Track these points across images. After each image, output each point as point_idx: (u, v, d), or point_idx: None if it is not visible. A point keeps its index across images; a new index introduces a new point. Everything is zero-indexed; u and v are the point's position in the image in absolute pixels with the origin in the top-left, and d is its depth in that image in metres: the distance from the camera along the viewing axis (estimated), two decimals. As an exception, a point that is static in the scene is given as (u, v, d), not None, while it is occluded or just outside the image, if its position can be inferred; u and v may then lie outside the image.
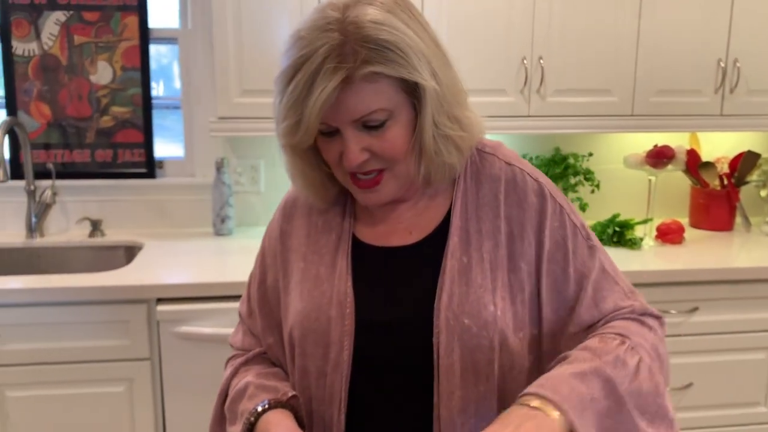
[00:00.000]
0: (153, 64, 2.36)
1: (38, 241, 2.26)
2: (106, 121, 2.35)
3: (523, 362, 0.97)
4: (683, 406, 2.08)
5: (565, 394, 0.81)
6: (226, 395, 1.06)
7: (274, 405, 0.97)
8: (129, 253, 2.25)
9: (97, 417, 1.85)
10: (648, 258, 2.14)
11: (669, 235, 2.29)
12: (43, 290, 1.78)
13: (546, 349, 0.98)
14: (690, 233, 2.41)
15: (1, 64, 2.28)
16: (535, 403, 0.81)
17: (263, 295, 1.08)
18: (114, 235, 2.33)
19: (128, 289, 1.80)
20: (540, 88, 2.15)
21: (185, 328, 1.82)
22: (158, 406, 1.89)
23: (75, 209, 2.34)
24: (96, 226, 2.31)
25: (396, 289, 0.99)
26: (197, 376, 1.84)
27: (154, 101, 2.37)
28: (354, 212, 1.05)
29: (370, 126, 0.90)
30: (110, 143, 2.36)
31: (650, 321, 0.97)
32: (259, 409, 0.97)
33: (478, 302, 0.94)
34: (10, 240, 2.25)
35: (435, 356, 0.94)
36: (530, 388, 0.84)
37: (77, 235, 2.32)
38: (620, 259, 2.08)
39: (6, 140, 2.26)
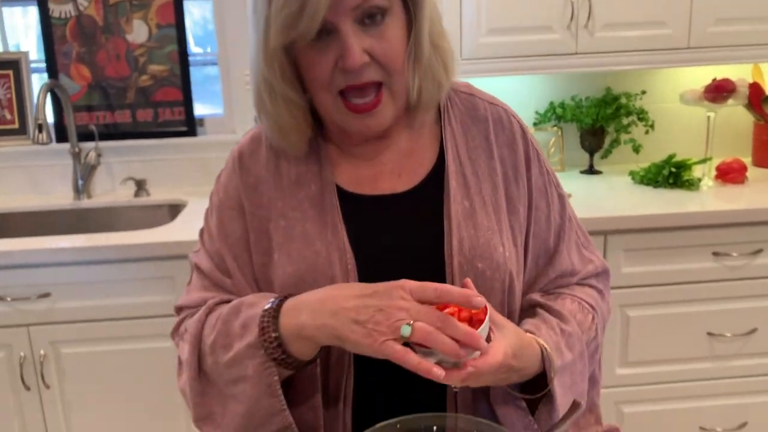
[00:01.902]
0: (188, 21, 2.33)
1: (85, 203, 2.29)
2: (144, 81, 2.34)
3: (518, 306, 0.97)
4: (746, 353, 1.99)
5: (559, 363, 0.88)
6: (201, 338, 0.91)
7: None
8: (173, 211, 2.26)
9: (148, 371, 1.88)
10: (707, 199, 2.02)
11: (730, 174, 2.16)
12: (90, 249, 1.80)
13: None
14: (752, 172, 2.27)
15: (39, 28, 2.28)
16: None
17: (233, 249, 0.96)
18: (158, 194, 2.34)
19: (172, 245, 1.81)
20: (588, 22, 2.03)
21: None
22: (207, 360, 1.90)
23: (119, 170, 2.36)
24: (141, 186, 2.33)
25: (399, 240, 0.93)
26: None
27: (190, 59, 2.35)
28: (330, 156, 0.97)
29: (368, 22, 0.84)
30: (150, 102, 2.35)
31: (606, 289, 1.04)
32: (271, 302, 0.85)
33: (488, 245, 0.91)
34: (58, 202, 2.28)
35: None
36: (539, 338, 0.88)
37: (123, 195, 2.34)
38: (677, 201, 1.98)
39: (49, 104, 2.28)
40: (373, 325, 0.76)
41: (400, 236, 0.93)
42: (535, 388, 0.88)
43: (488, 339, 0.78)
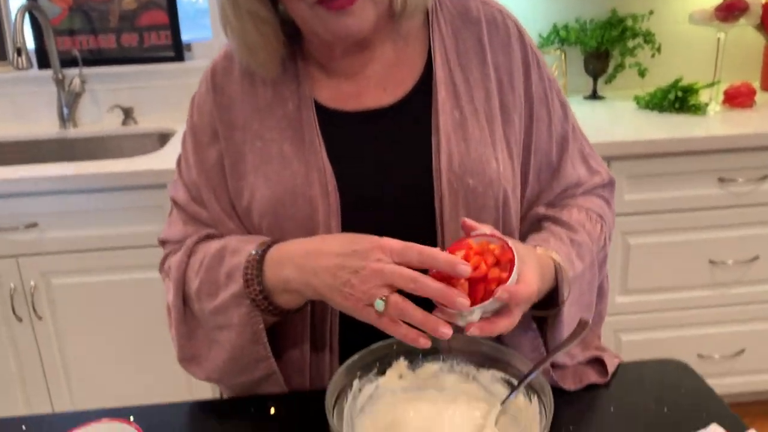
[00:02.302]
0: (171, -63, 2.20)
1: (72, 132, 2.21)
2: (128, 3, 2.23)
3: (516, 225, 0.91)
4: (747, 280, 1.97)
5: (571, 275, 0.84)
6: (185, 282, 0.89)
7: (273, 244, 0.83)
8: (162, 139, 2.19)
9: (141, 302, 1.85)
10: (713, 124, 1.96)
11: (738, 98, 2.09)
12: (78, 177, 1.74)
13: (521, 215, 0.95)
14: (761, 96, 2.21)
15: (14, -55, 2.16)
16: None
17: (209, 177, 0.91)
18: (146, 122, 2.27)
19: (162, 173, 1.75)
20: (595, -64, 1.92)
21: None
22: (201, 290, 1.87)
23: (105, 97, 2.27)
24: (128, 114, 2.25)
25: (384, 158, 0.87)
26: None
27: (176, -22, 2.23)
28: (309, 75, 0.90)
29: None
30: (135, 26, 2.25)
31: (612, 199, 1.00)
32: (254, 252, 0.81)
33: (480, 159, 0.85)
34: (44, 131, 2.21)
35: (438, 225, 0.85)
36: (551, 251, 0.83)
37: (110, 123, 2.26)
38: (683, 125, 1.92)
39: (28, 28, 2.18)
40: (350, 289, 0.72)
41: (385, 154, 0.87)
42: (543, 305, 0.84)
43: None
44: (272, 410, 0.88)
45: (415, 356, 0.84)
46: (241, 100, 0.89)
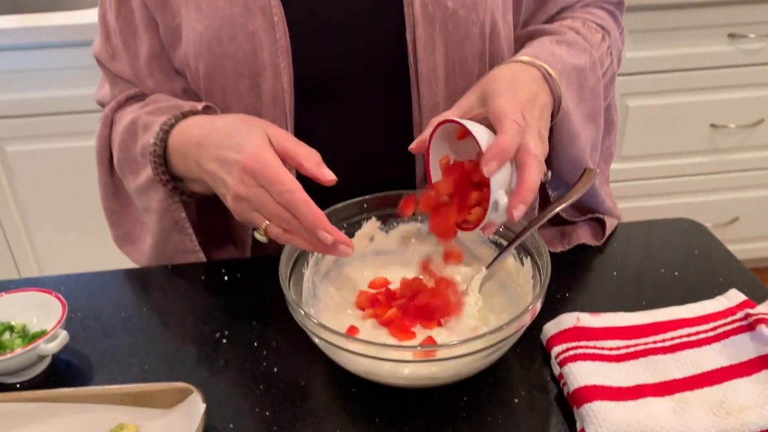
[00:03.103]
0: None
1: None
2: None
3: (504, 57, 0.77)
4: (749, 146, 1.87)
5: (559, 69, 0.69)
6: (109, 155, 0.81)
7: (186, 116, 0.72)
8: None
9: (105, 170, 1.73)
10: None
11: (755, -56, 1.89)
12: (26, 30, 1.56)
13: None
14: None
15: None
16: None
17: (128, 23, 0.79)
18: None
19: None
20: None
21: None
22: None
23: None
24: (79, -36, 2.02)
25: None
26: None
27: None
28: None
29: None
30: None
31: (620, 16, 0.86)
32: (153, 140, 0.71)
33: None
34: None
35: (411, 60, 0.72)
36: (522, 56, 0.69)
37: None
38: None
39: None
40: (230, 202, 0.64)
41: None
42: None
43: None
44: (225, 277, 0.79)
45: (388, 217, 0.74)
46: None
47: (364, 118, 0.76)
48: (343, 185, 0.64)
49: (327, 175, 0.62)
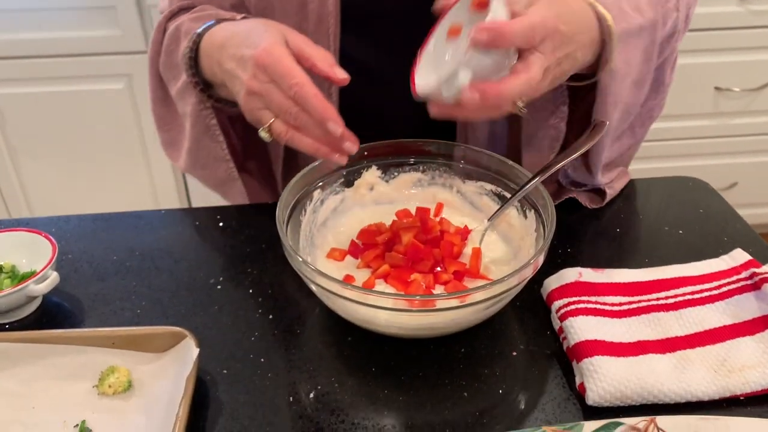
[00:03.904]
0: None
1: None
2: None
3: None
4: (753, 110, 1.84)
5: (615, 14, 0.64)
6: (159, 62, 0.80)
7: (219, 23, 0.72)
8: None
9: (98, 115, 1.69)
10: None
11: None
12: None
13: None
14: None
15: None
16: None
17: None
18: None
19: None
20: None
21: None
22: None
23: None
24: None
25: None
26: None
27: None
28: None
29: None
30: None
31: None
32: (200, 30, 0.71)
33: None
34: None
35: None
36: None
37: None
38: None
39: None
40: (242, 100, 0.64)
41: None
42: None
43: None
44: (220, 223, 0.78)
45: (389, 165, 0.72)
46: None
47: (407, 48, 0.73)
48: (384, 117, 0.63)
49: (339, 74, 0.61)
